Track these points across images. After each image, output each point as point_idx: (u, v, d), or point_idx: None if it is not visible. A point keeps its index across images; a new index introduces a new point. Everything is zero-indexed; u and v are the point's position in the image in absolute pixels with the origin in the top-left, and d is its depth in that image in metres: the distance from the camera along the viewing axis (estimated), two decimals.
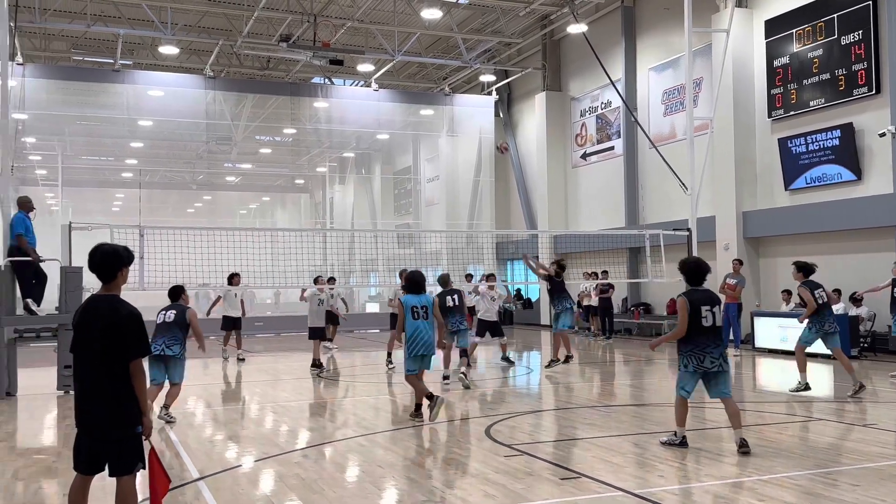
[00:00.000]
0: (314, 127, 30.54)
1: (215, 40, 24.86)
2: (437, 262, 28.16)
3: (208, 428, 9.71)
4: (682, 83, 20.82)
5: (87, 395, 4.75)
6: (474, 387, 12.46)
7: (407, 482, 6.64)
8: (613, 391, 12.55)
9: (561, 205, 27.08)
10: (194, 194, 34.34)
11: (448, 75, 30.75)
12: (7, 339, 12.14)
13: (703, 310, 7.45)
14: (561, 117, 27.17)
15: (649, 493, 6.08)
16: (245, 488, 6.60)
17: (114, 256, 4.85)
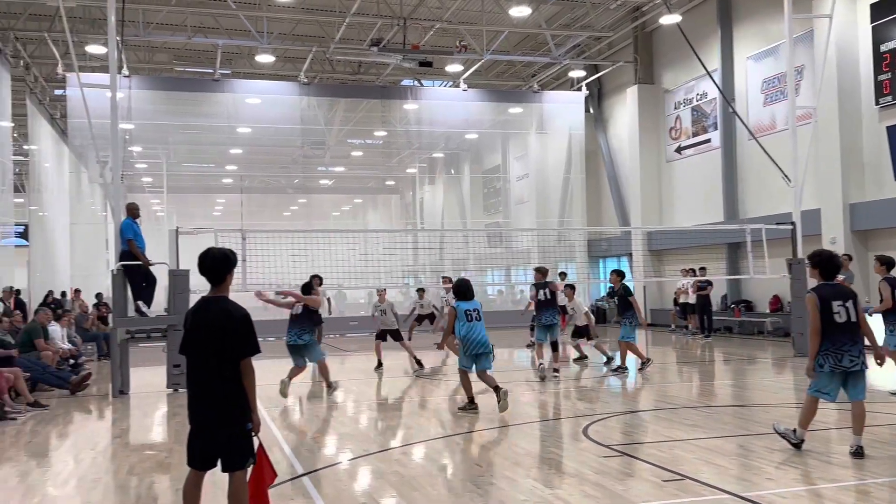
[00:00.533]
0: (404, 129, 30.87)
1: (309, 47, 25.46)
2: (527, 260, 28.04)
3: (308, 425, 9.95)
4: (782, 72, 20.05)
5: (199, 394, 4.95)
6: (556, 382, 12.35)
7: (506, 481, 6.64)
8: (714, 391, 12.21)
9: (655, 200, 26.51)
10: (290, 198, 35.25)
11: (537, 72, 30.56)
12: (120, 339, 12.76)
13: (835, 305, 7.07)
14: (654, 111, 26.60)
15: (758, 496, 5.89)
16: (347, 484, 6.74)
17: (224, 260, 5.06)
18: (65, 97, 26.58)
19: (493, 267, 31.23)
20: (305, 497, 6.30)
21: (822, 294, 7.14)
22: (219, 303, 4.99)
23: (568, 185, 30.20)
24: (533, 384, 12.68)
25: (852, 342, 7.03)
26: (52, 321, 14.93)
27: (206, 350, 4.91)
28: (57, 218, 27.26)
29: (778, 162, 17.08)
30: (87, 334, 18.73)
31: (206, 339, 4.92)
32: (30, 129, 26.27)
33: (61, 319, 15.72)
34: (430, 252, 28.37)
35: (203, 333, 4.93)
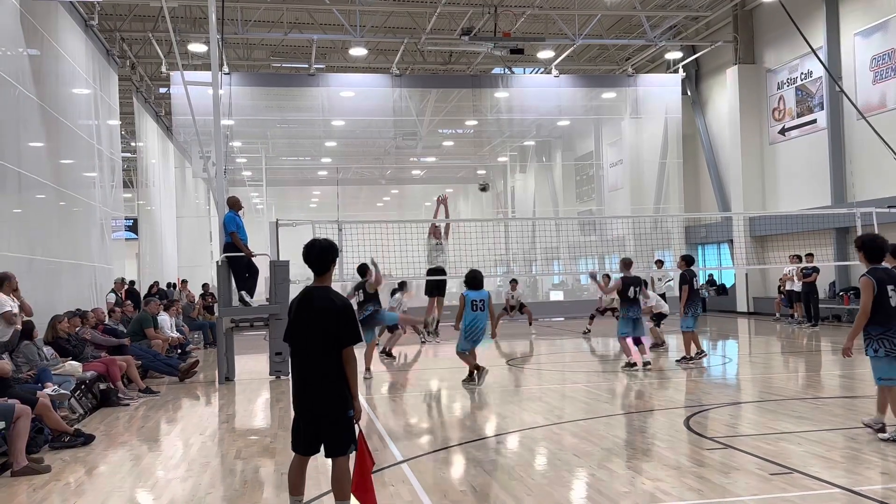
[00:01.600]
0: (495, 117, 30.75)
1: (400, 39, 25.67)
2: (621, 248, 27.52)
3: (405, 413, 10.09)
4: (892, 47, 18.97)
5: (304, 381, 5.10)
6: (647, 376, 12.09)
7: (604, 472, 6.56)
8: (821, 382, 11.71)
9: (757, 184, 25.57)
10: (383, 189, 35.76)
11: (631, 56, 29.89)
12: (225, 328, 13.23)
13: (889, 289, 7.02)
14: (755, 91, 25.63)
15: (871, 490, 5.63)
16: (446, 472, 6.80)
17: (330, 250, 5.19)
18: (169, 95, 27.68)
19: (586, 255, 30.83)
20: (406, 484, 6.39)
21: (876, 277, 7.06)
22: (322, 292, 5.12)
23: (664, 171, 29.45)
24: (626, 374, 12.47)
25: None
26: (162, 311, 15.62)
27: (309, 338, 5.06)
28: (164, 212, 28.48)
29: (889, 142, 16.20)
30: (193, 323, 19.52)
31: (309, 327, 5.06)
32: (137, 127, 27.50)
33: (170, 309, 16.42)
34: (522, 241, 28.21)
35: (307, 322, 5.08)
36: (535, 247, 28.86)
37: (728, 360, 14.67)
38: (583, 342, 18.43)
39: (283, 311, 12.83)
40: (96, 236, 18.64)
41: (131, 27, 24.46)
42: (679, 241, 27.84)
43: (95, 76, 19.33)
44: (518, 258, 28.94)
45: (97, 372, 10.88)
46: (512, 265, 29.37)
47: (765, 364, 13.67)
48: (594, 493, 6.08)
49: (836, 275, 22.03)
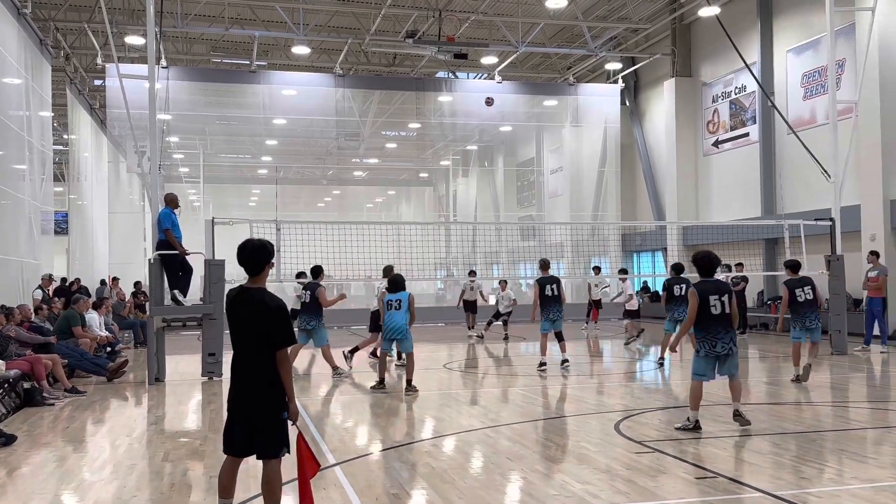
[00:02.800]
0: (438, 121, 30.85)
1: (344, 39, 25.54)
2: (560, 254, 27.91)
3: (340, 415, 10.02)
4: (823, 65, 19.69)
5: (237, 381, 5.04)
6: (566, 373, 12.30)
7: (535, 475, 6.63)
8: (748, 388, 12.04)
9: (691, 195, 26.22)
10: (324, 189, 35.50)
11: (572, 65, 30.34)
12: (156, 327, 12.95)
13: (712, 299, 8.03)
14: (691, 104, 26.28)
15: (792, 494, 5.82)
16: (378, 475, 6.78)
17: (263, 251, 5.12)
18: (104, 87, 26.99)
19: (525, 260, 31.14)
20: (337, 487, 6.35)
21: (700, 289, 8.13)
22: (257, 293, 5.05)
23: (602, 179, 29.97)
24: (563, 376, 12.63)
25: (725, 330, 8.08)
26: (91, 309, 15.20)
27: (244, 338, 5.00)
28: (95, 207, 27.74)
29: (818, 157, 16.77)
30: (124, 322, 19.05)
31: (243, 327, 5.00)
32: (70, 119, 26.73)
33: (99, 307, 15.99)
34: (463, 245, 28.35)
35: (241, 322, 5.02)
36: (475, 251, 29.04)
37: (659, 365, 14.96)
38: (521, 345, 18.60)
39: (217, 311, 12.64)
40: (25, 231, 18.05)
41: (66, 17, 23.77)
42: (616, 249, 28.34)
43: (27, 66, 18.73)
44: (458, 262, 29.07)
45: (21, 370, 10.54)
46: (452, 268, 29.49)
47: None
48: (525, 496, 6.15)
49: (764, 284, 22.71)
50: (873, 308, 15.78)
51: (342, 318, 26.46)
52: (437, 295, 29.88)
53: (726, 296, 8.12)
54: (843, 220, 16.49)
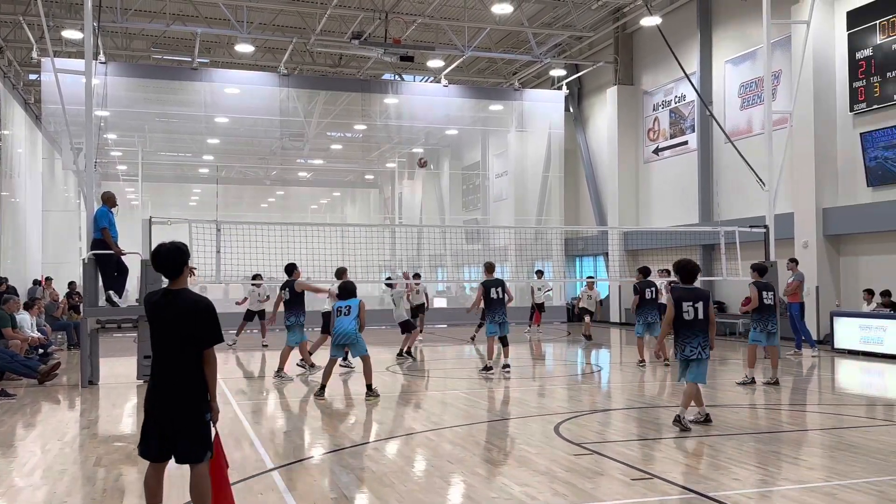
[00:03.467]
0: (384, 123, 30.78)
1: (289, 38, 25.30)
2: (504, 257, 28.11)
3: (281, 419, 9.91)
4: (759, 76, 20.24)
5: (162, 383, 4.93)
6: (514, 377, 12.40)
7: (476, 478, 6.65)
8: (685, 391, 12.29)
9: (632, 201, 26.68)
10: (268, 190, 35.05)
11: (518, 70, 30.60)
12: (90, 329, 12.62)
13: (685, 305, 8.31)
14: (633, 112, 26.76)
15: (724, 496, 5.95)
16: (317, 479, 6.72)
17: (178, 252, 5.04)
18: (39, 82, 26.21)
19: (470, 263, 31.27)
20: (275, 492, 6.27)
21: (675, 296, 8.40)
22: (182, 294, 4.98)
23: (546, 184, 30.30)
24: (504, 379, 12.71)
25: (694, 335, 8.35)
26: (21, 309, 14.73)
27: (168, 341, 4.91)
28: (29, 204, 26.90)
29: (753, 165, 17.24)
30: (57, 323, 18.51)
31: (169, 328, 4.91)
32: (2, 114, 25.85)
33: (31, 308, 15.51)
34: (408, 247, 28.30)
35: (166, 324, 4.93)
36: (420, 253, 29.03)
37: (599, 368, 15.19)
38: (466, 348, 18.65)
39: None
40: None
41: (1, 9, 23.02)
42: (559, 253, 28.65)
43: None
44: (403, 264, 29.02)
45: None
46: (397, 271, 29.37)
47: (633, 373, 14.24)
48: (465, 499, 6.16)
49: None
50: (792, 313, 16.38)
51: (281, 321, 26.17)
52: (381, 298, 29.77)
53: (701, 303, 8.32)
54: (776, 228, 16.96)
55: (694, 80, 21.88)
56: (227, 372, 14.28)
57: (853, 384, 13.23)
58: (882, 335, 15.40)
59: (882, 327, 15.47)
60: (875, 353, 15.53)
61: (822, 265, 18.47)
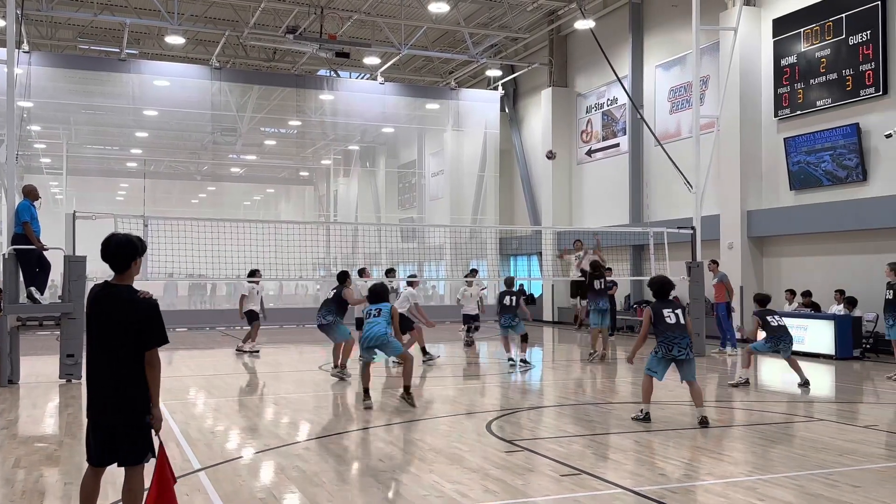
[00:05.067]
0: (319, 119, 30.51)
1: (221, 31, 24.84)
2: (440, 256, 28.18)
3: (209, 419, 9.72)
4: (688, 81, 20.75)
5: (100, 384, 4.72)
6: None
7: (407, 476, 6.65)
8: (615, 388, 12.55)
9: (565, 201, 27.05)
10: (199, 185, 34.35)
11: (454, 70, 30.70)
12: (10, 327, 12.16)
13: (666, 312, 8.95)
14: (567, 113, 27.12)
15: (650, 490, 6.08)
16: (246, 480, 6.61)
17: (128, 246, 4.81)
18: None
19: (405, 262, 31.24)
20: (201, 493, 6.15)
21: (654, 307, 9.07)
22: (124, 290, 4.76)
23: (482, 184, 30.51)
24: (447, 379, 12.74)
25: (681, 337, 8.87)
26: None
27: (106, 338, 4.69)
28: None
29: (681, 168, 17.65)
30: None
31: (107, 327, 4.69)
32: None
33: None
34: (343, 245, 28.11)
35: (105, 321, 4.70)
36: (356, 251, 28.86)
37: (532, 366, 15.35)
38: None
39: (77, 310, 12.00)
40: None
41: None
42: (493, 252, 28.86)
43: None
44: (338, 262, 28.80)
45: None
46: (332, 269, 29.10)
47: (565, 370, 14.45)
48: (395, 497, 6.15)
49: (631, 288, 23.70)
50: (719, 313, 16.87)
51: (211, 319, 25.73)
52: (315, 296, 29.50)
53: (680, 310, 9.03)
54: (703, 229, 17.42)
55: (626, 84, 22.30)
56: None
57: (775, 381, 13.67)
58: (803, 334, 15.94)
59: (803, 326, 16.03)
60: (796, 352, 16.03)
61: (745, 266, 19.05)
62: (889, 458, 7.28)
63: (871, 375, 13.38)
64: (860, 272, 16.78)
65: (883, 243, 16.33)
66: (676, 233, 17.60)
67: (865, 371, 13.93)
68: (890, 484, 6.25)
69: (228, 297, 29.59)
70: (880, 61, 16.25)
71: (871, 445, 7.75)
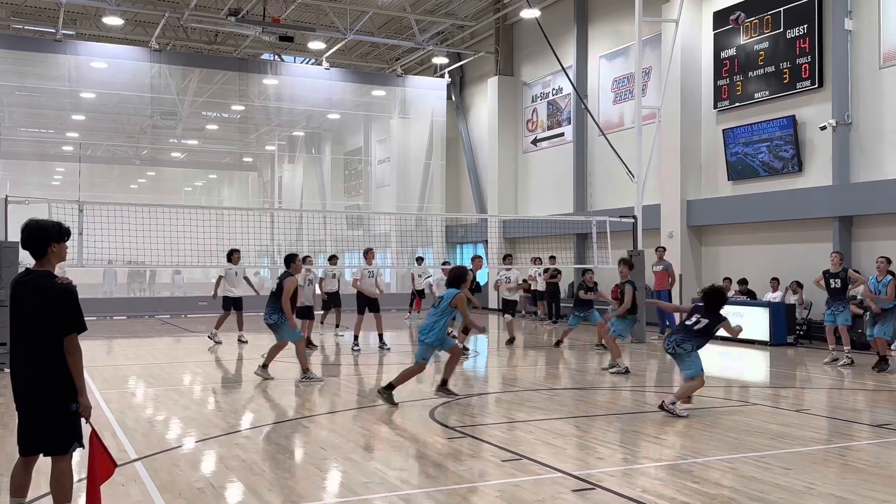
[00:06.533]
0: (263, 104, 30.05)
1: (161, 12, 24.24)
2: (386, 244, 28.07)
3: (148, 408, 9.53)
4: (631, 72, 21.00)
5: (20, 372, 4.65)
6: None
7: (349, 463, 6.62)
8: (558, 374, 12.69)
9: (511, 190, 27.19)
10: (137, 170, 33.51)
11: (401, 56, 30.54)
12: None
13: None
14: (513, 102, 27.23)
15: (588, 474, 6.18)
16: (184, 469, 6.51)
17: (38, 232, 4.71)
18: None
19: (351, 250, 31.07)
20: (138, 483, 6.03)
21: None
22: (41, 277, 4.66)
23: (429, 171, 30.46)
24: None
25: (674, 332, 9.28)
26: None
27: (26, 326, 4.60)
28: None
29: (624, 158, 17.89)
30: None
31: (26, 314, 4.61)
32: None
33: None
34: (288, 233, 27.79)
35: (23, 308, 4.62)
36: (301, 239, 28.56)
37: (477, 353, 15.43)
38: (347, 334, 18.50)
39: (7, 298, 11.61)
40: None
41: None
42: (440, 240, 28.89)
43: None
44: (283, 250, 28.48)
45: None
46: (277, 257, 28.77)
47: (509, 358, 14.55)
48: (336, 485, 6.13)
49: (575, 276, 23.96)
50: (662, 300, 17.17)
51: (151, 307, 25.25)
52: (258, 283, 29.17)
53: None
54: (644, 218, 17.70)
55: (570, 74, 22.48)
56: (89, 360, 13.60)
57: (712, 367, 13.96)
58: (739, 321, 16.32)
59: (739, 314, 16.40)
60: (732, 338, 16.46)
61: (685, 254, 19.43)
62: (819, 441, 7.52)
63: (805, 361, 13.80)
64: (795, 260, 17.26)
65: (817, 233, 16.82)
66: (619, 222, 17.85)
67: (799, 357, 14.36)
68: (819, 466, 6.46)
69: (168, 285, 29.05)
70: (816, 55, 16.69)
71: (802, 429, 7.99)
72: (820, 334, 16.32)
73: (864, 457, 6.82)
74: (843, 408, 9.48)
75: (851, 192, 15.98)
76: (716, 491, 5.74)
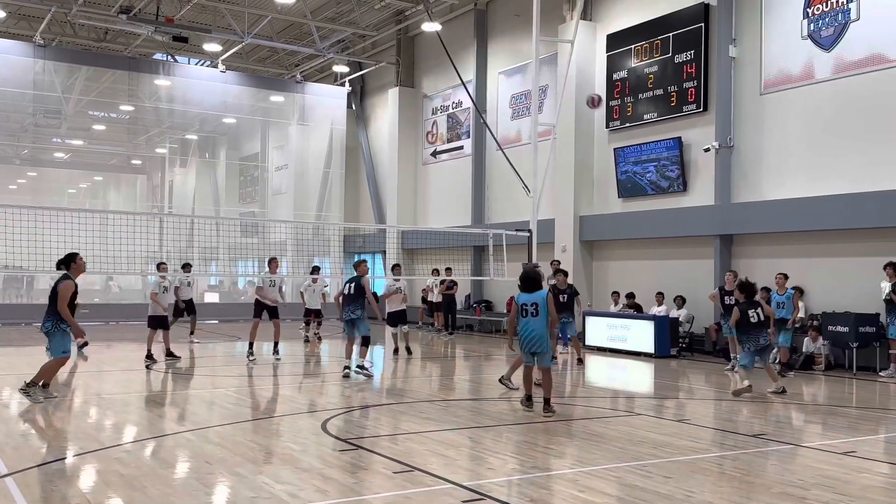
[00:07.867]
0: (154, 105, 29.09)
1: (47, 7, 23.13)
2: (282, 253, 27.60)
3: (22, 421, 9.01)
4: (528, 89, 21.46)
5: None
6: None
7: (235, 478, 6.44)
8: (453, 386, 12.77)
9: (410, 201, 27.26)
10: (17, 170, 31.78)
11: (300, 62, 30.19)
12: None
13: (750, 312, 11.15)
14: (413, 114, 27.34)
15: (478, 485, 6.22)
16: (59, 486, 6.17)
17: None
18: None
19: (245, 257, 30.40)
20: (7, 500, 5.68)
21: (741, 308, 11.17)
22: None
23: (327, 180, 30.20)
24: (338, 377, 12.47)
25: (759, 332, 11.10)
26: None
27: None
28: None
29: (520, 173, 18.21)
30: None
31: None
32: None
33: None
34: (179, 239, 26.93)
35: None
36: (192, 245, 27.72)
37: (371, 364, 15.35)
38: (237, 344, 18.05)
39: None
40: None
41: None
42: (337, 249, 28.65)
43: None
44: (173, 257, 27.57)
45: None
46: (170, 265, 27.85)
47: (404, 369, 14.54)
48: (220, 499, 5.96)
49: (471, 288, 24.24)
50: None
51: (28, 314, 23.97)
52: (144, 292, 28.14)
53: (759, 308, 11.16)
54: (539, 232, 18.00)
55: (470, 88, 22.77)
56: None
57: (600, 378, 14.41)
58: (626, 333, 16.92)
59: (626, 326, 17.01)
60: (620, 350, 17.04)
61: (577, 268, 19.95)
62: (698, 451, 7.84)
63: (686, 372, 14.38)
64: (679, 275, 17.99)
65: (700, 249, 17.60)
66: (514, 235, 18.12)
67: (682, 368, 14.95)
68: (698, 475, 6.72)
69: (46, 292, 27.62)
70: (702, 79, 17.51)
71: (682, 438, 8.31)
72: (700, 347, 17.08)
73: (739, 465, 7.15)
74: (722, 418, 9.92)
75: (732, 211, 16.81)
76: (601, 500, 5.89)
